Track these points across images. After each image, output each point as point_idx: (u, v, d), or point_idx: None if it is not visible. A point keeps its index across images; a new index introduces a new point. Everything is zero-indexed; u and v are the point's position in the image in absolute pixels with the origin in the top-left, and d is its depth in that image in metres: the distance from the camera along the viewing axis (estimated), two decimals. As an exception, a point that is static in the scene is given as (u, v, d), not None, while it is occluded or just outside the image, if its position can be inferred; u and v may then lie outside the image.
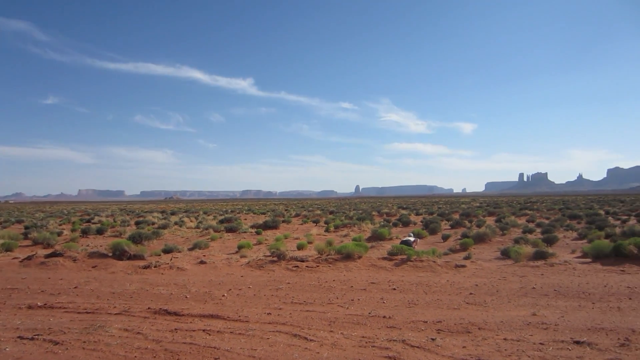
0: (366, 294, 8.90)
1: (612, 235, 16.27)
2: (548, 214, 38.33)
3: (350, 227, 28.52)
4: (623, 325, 6.28)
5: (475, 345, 5.57)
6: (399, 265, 11.70)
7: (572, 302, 7.85)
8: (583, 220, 29.12)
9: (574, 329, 6.19)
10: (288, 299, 8.55)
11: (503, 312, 7.33)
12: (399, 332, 6.30)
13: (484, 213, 40.72)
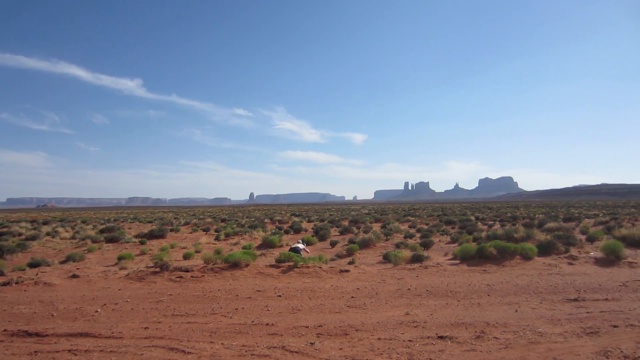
0: (251, 302, 9.03)
1: (479, 239, 18.65)
2: (428, 220, 42.34)
3: (242, 235, 28.45)
4: (480, 319, 7.32)
5: (351, 347, 6.02)
6: (286, 272, 12.00)
7: (440, 301, 8.84)
8: (457, 225, 32.74)
9: (440, 325, 7.03)
10: (169, 312, 8.34)
11: (380, 313, 8.00)
12: (280, 338, 6.54)
13: (371, 219, 43.51)
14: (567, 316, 7.47)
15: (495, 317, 7.49)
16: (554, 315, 7.58)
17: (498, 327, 6.84)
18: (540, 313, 7.75)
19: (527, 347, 5.77)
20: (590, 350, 5.49)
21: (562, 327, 6.77)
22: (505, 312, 7.89)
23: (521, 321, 7.18)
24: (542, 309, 8.10)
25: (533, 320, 7.22)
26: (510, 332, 6.48)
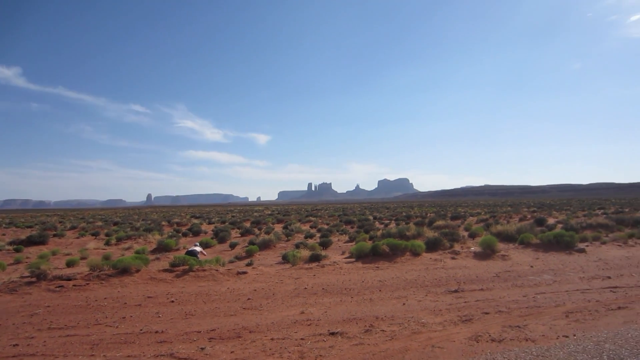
0: (141, 310, 8.55)
1: (374, 238, 19.59)
2: (329, 220, 43.44)
3: (135, 239, 26.71)
4: (371, 313, 7.71)
5: (243, 349, 6.00)
6: (180, 277, 11.55)
7: (335, 298, 9.14)
8: (355, 225, 34.05)
9: (333, 321, 7.27)
10: (44, 325, 7.57)
11: (276, 314, 8.05)
12: (170, 345, 6.29)
13: (273, 220, 43.51)
14: (447, 306, 8.16)
15: (385, 311, 7.94)
16: (437, 306, 8.24)
17: (386, 320, 7.27)
18: (424, 305, 8.38)
19: (410, 337, 6.21)
20: (464, 336, 6.06)
21: (443, 316, 7.39)
22: (394, 306, 8.41)
23: (407, 313, 7.70)
24: (426, 301, 8.76)
25: (418, 312, 7.78)
26: (396, 324, 6.92)
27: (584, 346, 5.37)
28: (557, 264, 12.47)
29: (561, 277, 10.83)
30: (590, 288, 9.41)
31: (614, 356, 5.00)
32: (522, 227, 18.98)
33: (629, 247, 15.29)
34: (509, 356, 5.13)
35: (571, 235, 15.18)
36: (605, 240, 16.39)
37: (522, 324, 6.59)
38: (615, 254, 14.02)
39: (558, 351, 5.22)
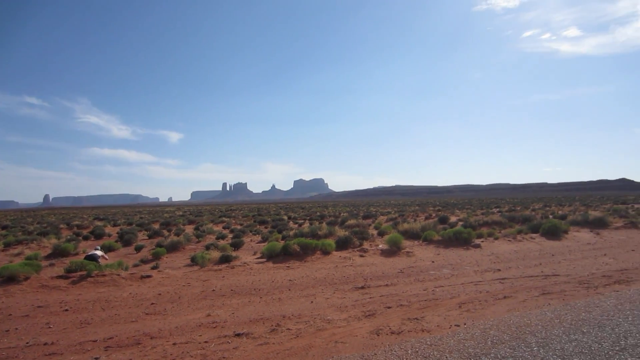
0: (28, 321, 7.81)
1: (287, 237, 19.72)
2: (243, 221, 42.90)
3: (27, 244, 24.20)
4: (279, 313, 7.76)
5: (142, 356, 5.75)
6: (77, 283, 10.74)
7: (244, 299, 9.07)
8: (269, 225, 33.98)
9: (240, 322, 7.21)
10: None
11: (180, 318, 7.80)
12: (60, 358, 5.88)
13: (184, 222, 41.98)
14: (353, 303, 8.45)
15: (293, 310, 8.03)
16: (343, 303, 8.50)
17: (293, 318, 7.36)
18: (332, 302, 8.60)
19: (315, 334, 6.35)
20: (366, 331, 6.32)
21: (348, 312, 7.64)
22: (302, 304, 8.53)
23: (314, 311, 7.86)
24: (334, 298, 9.00)
25: (325, 309, 7.97)
26: (302, 323, 7.03)
27: (472, 333, 5.85)
28: (455, 259, 13.43)
29: (458, 271, 11.69)
30: (483, 280, 10.26)
31: (496, 341, 5.50)
32: (427, 225, 20.19)
33: (517, 242, 16.86)
34: (406, 347, 5.44)
35: (469, 232, 16.44)
36: (498, 236, 17.93)
37: (420, 316, 7.02)
38: (506, 249, 15.41)
39: (449, 339, 5.64)
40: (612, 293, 8.10)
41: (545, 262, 12.65)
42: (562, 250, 15.04)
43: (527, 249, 15.34)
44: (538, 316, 6.62)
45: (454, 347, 5.33)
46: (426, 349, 5.34)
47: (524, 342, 5.41)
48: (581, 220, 23.18)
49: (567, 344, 5.31)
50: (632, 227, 22.40)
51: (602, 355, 4.96)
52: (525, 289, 8.96)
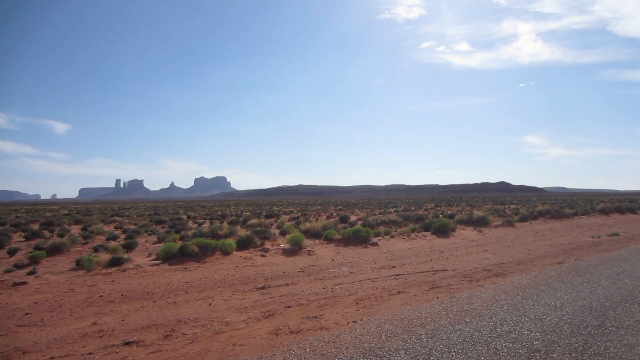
0: None
1: (185, 237, 18.96)
2: (137, 220, 40.44)
3: None
4: (174, 317, 7.44)
5: (11, 374, 5.11)
6: None
7: (135, 304, 8.55)
8: (167, 224, 32.45)
9: (130, 330, 6.77)
10: None
11: (61, 328, 7.14)
12: None
13: (70, 221, 38.46)
14: (253, 303, 8.36)
15: (189, 314, 7.73)
16: (242, 304, 8.37)
17: (189, 322, 7.07)
18: (231, 304, 8.43)
19: (212, 338, 6.16)
20: (265, 331, 6.27)
21: (247, 314, 7.53)
22: (200, 307, 8.25)
23: (212, 314, 7.63)
24: (233, 299, 8.83)
25: (223, 312, 7.78)
26: (199, 326, 6.79)
27: (368, 329, 6.08)
28: (354, 257, 13.92)
29: (357, 268, 12.12)
30: (379, 277, 10.74)
31: (390, 334, 5.77)
32: (328, 224, 20.67)
33: (411, 240, 17.93)
34: (304, 346, 5.49)
35: (367, 230, 17.13)
36: (394, 234, 18.93)
37: (319, 314, 7.14)
38: (401, 246, 16.32)
39: (346, 336, 5.80)
40: (491, 285, 8.92)
41: (435, 259, 13.60)
42: (450, 247, 16.29)
43: (419, 246, 16.38)
44: (428, 309, 7.08)
45: (351, 343, 5.49)
46: (324, 346, 5.43)
47: (414, 334, 5.74)
48: (466, 219, 25.30)
49: (452, 334, 5.74)
50: (509, 225, 24.99)
51: (482, 342, 5.43)
52: (417, 284, 9.54)
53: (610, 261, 11.78)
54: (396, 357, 4.99)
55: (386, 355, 5.07)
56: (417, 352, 5.14)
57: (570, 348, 5.20)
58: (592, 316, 6.53)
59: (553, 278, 9.53)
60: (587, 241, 17.82)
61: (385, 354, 5.10)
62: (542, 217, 31.16)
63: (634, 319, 6.39)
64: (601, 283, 8.88)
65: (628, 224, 27.71)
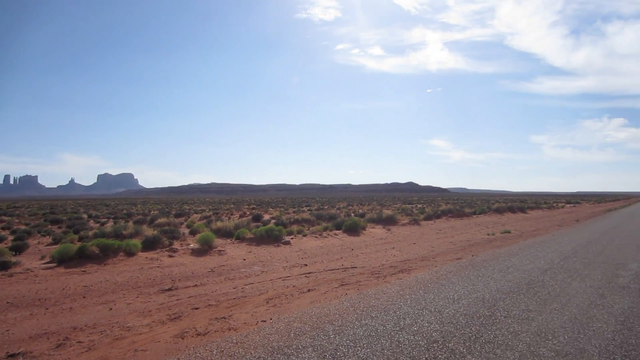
0: None
1: (85, 238, 17.67)
2: (30, 220, 36.93)
3: None
4: (68, 324, 6.90)
5: None
6: None
7: (24, 312, 7.84)
8: (64, 224, 30.03)
9: (16, 341, 6.20)
10: None
11: None
12: None
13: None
14: (158, 306, 8.01)
15: (86, 320, 7.21)
16: (147, 307, 7.98)
17: (86, 329, 6.60)
18: (134, 307, 8.00)
19: (111, 344, 5.80)
20: (170, 335, 6.03)
21: (152, 317, 7.19)
22: (99, 313, 7.74)
23: (113, 319, 7.19)
24: (137, 303, 8.38)
25: (125, 316, 7.36)
26: (97, 333, 6.36)
27: (277, 328, 6.09)
28: (266, 256, 13.87)
29: (268, 267, 12.10)
30: (290, 275, 10.81)
31: (298, 332, 5.83)
32: (240, 223, 20.40)
33: (323, 238, 18.27)
34: (211, 348, 5.36)
35: (279, 229, 17.17)
36: (307, 233, 19.16)
37: (228, 314, 7.02)
38: (313, 245, 16.56)
39: (255, 336, 5.76)
40: (397, 281, 9.37)
41: (345, 256, 13.98)
42: (360, 245, 16.85)
43: (331, 245, 16.74)
44: (336, 306, 7.25)
45: (259, 343, 5.46)
46: (232, 347, 5.35)
47: (322, 331, 5.85)
48: (376, 218, 26.34)
49: (358, 329, 5.93)
50: (415, 223, 26.41)
51: (386, 335, 5.67)
52: (327, 281, 9.74)
53: (502, 256, 12.90)
54: (304, 355, 5.06)
55: (294, 353, 5.11)
56: (324, 348, 5.25)
57: (464, 337, 5.61)
58: (485, 307, 7.10)
59: (452, 273, 10.24)
60: (483, 238, 19.37)
61: (293, 351, 5.15)
62: (445, 216, 33.34)
63: (520, 308, 7.06)
64: (494, 276, 9.70)
65: (518, 222, 30.57)
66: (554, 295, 7.93)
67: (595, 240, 17.07)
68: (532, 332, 5.83)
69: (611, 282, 9.17)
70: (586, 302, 7.45)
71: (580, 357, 5.01)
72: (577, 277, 9.63)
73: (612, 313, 6.80)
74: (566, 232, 21.58)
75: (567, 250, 14.04)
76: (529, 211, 45.74)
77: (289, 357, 4.99)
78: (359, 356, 5.01)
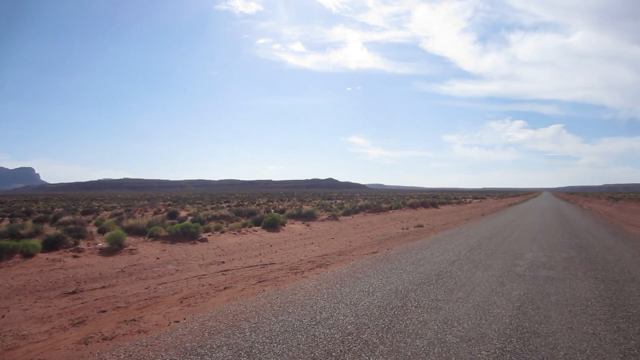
0: None
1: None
2: None
3: None
4: (-50, 335, 6.13)
5: None
6: None
7: None
8: (-51, 224, 26.87)
9: None
10: None
11: None
12: None
13: None
14: (60, 311, 7.42)
15: (-28, 330, 6.50)
16: (47, 312, 7.36)
17: (-28, 340, 5.95)
18: (31, 313, 7.34)
19: (2, 355, 5.28)
20: (72, 341, 5.61)
21: (52, 323, 6.65)
22: (-12, 321, 7.01)
23: (5, 327, 6.53)
24: (35, 308, 7.71)
25: (20, 324, 6.73)
26: (-15, 343, 5.76)
27: (191, 328, 5.91)
28: (182, 254, 13.40)
29: (184, 266, 11.69)
30: (207, 273, 10.54)
31: (213, 331, 5.70)
32: (154, 220, 19.50)
33: (242, 235, 18.04)
34: (118, 352, 5.07)
35: (196, 226, 16.68)
36: (225, 229, 18.79)
37: (139, 316, 6.69)
38: (231, 242, 16.29)
39: (167, 337, 5.54)
40: (315, 276, 9.50)
41: (264, 253, 13.92)
42: (280, 241, 16.85)
43: (250, 241, 16.57)
44: (253, 303, 7.20)
45: (171, 344, 5.27)
46: (141, 350, 5.10)
47: (238, 329, 5.78)
48: (296, 214, 26.50)
49: (275, 325, 5.93)
50: (334, 219, 26.95)
51: (302, 330, 5.73)
52: (245, 278, 9.63)
53: (415, 249, 13.57)
54: (218, 354, 4.96)
55: (208, 352, 4.99)
56: (239, 346, 5.18)
57: (377, 328, 5.82)
58: (397, 298, 7.43)
59: (368, 266, 10.59)
60: (398, 232, 20.24)
61: (207, 351, 5.02)
62: (363, 211, 34.36)
63: (430, 298, 7.47)
64: (406, 269, 10.17)
65: (430, 217, 32.32)
66: (460, 285, 8.49)
67: (497, 233, 18.55)
68: (440, 320, 6.19)
69: (510, 271, 10.01)
70: (488, 290, 8.07)
71: (481, 341, 5.40)
72: (481, 267, 10.39)
73: (510, 299, 7.42)
74: (473, 226, 23.21)
75: (472, 243, 15.10)
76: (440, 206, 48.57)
77: (203, 357, 4.87)
78: (274, 352, 5.01)
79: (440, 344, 5.28)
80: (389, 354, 4.97)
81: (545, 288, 8.29)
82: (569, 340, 5.46)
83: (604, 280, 9.04)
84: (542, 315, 6.53)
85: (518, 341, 5.41)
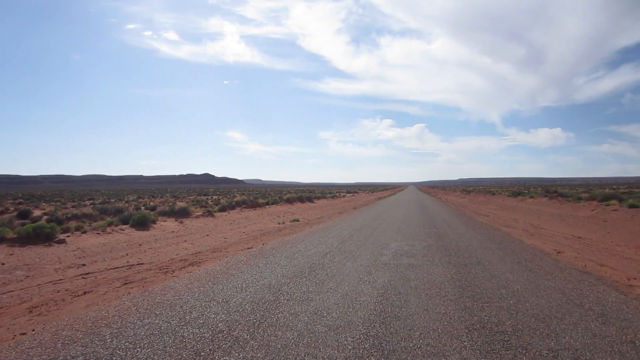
0: None
1: None
2: None
3: None
4: None
5: None
6: None
7: None
8: None
9: None
10: None
11: None
12: None
13: None
14: None
15: None
16: None
17: None
18: None
19: None
20: None
21: None
22: None
23: None
24: None
25: None
26: None
27: (41, 339, 5.31)
28: (34, 258, 11.98)
29: (36, 271, 10.46)
30: (64, 278, 9.56)
31: (68, 341, 5.20)
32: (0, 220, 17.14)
33: (107, 235, 16.70)
34: (-55, 375, 4.38)
35: (52, 226, 15.01)
36: (87, 229, 17.22)
37: (-25, 332, 5.83)
38: (94, 242, 14.97)
39: (11, 352, 4.92)
40: (186, 275, 9.17)
41: (132, 253, 13.05)
42: (150, 240, 15.94)
43: (116, 241, 15.41)
44: (117, 307, 6.71)
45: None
46: (-24, 371, 4.47)
47: (98, 336, 5.35)
48: (168, 211, 25.29)
49: (140, 329, 5.60)
50: (209, 215, 26.31)
51: (170, 331, 5.50)
52: (108, 281, 8.93)
53: (290, 243, 13.84)
54: (73, 366, 4.54)
55: (61, 365, 4.55)
56: (98, 354, 4.79)
57: (249, 324, 5.82)
58: (270, 292, 7.51)
59: (242, 262, 10.53)
60: (274, 227, 20.44)
61: (59, 364, 4.57)
62: (239, 206, 34.05)
63: (301, 290, 7.68)
64: (280, 263, 10.33)
65: (306, 211, 33.20)
66: (330, 276, 8.87)
67: (367, 225, 19.76)
68: (311, 312, 6.41)
69: (376, 260, 10.72)
70: (356, 280, 8.55)
71: (347, 328, 5.71)
72: (351, 258, 10.97)
73: (375, 287, 7.96)
74: (345, 219, 24.38)
75: (344, 235, 15.87)
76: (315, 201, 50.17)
77: (54, 371, 4.42)
78: (138, 358, 4.73)
79: (309, 335, 5.46)
80: (259, 349, 5.00)
81: (407, 274, 9.05)
82: (424, 320, 6.03)
83: (456, 265, 10.14)
84: (402, 299, 7.11)
85: (381, 325, 5.82)
